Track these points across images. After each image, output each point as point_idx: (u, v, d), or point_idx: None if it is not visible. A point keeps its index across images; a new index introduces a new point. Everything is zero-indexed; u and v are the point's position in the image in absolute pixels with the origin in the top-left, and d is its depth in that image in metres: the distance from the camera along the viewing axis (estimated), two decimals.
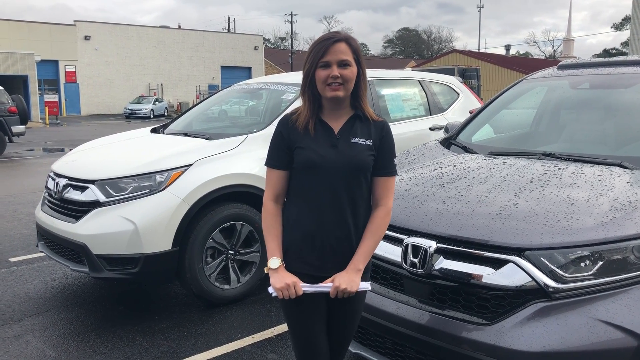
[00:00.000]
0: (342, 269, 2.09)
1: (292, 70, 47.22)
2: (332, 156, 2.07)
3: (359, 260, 2.10)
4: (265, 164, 2.19)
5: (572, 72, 3.97)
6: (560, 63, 4.17)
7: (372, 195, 2.18)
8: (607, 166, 2.84)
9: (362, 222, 2.13)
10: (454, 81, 6.90)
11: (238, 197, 4.38)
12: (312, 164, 2.07)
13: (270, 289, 2.09)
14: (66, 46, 40.03)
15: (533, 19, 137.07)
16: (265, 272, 2.12)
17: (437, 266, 2.44)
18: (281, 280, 2.06)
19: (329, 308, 2.19)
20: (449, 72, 17.18)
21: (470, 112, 5.46)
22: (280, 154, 2.15)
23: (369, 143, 2.11)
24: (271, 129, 4.61)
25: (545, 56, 79.93)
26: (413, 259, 2.50)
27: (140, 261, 3.96)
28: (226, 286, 4.36)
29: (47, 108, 31.71)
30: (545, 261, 2.23)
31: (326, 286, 2.07)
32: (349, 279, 2.06)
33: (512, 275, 2.26)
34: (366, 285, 2.12)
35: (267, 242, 2.15)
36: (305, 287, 2.07)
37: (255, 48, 51.42)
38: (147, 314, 4.29)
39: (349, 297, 2.08)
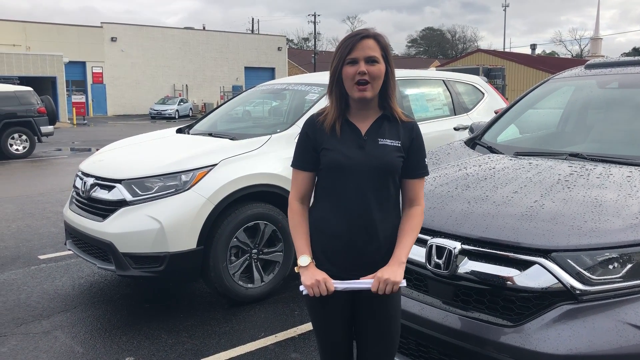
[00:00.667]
0: (369, 271, 2.04)
1: (315, 71, 47.26)
2: (359, 157, 2.03)
3: (402, 254, 2.06)
4: (292, 165, 2.18)
5: (600, 71, 3.90)
6: (588, 62, 4.10)
7: (405, 196, 2.15)
8: (636, 167, 2.79)
9: (389, 224, 2.09)
10: (479, 81, 6.84)
11: (262, 196, 4.41)
12: (339, 165, 2.04)
13: (302, 287, 2.07)
14: (93, 48, 40.70)
15: (560, 17, 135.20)
16: (296, 271, 2.09)
17: (461, 267, 2.42)
18: (311, 277, 2.02)
19: (358, 314, 2.14)
20: (474, 71, 17.04)
21: (496, 112, 5.41)
22: (305, 155, 2.13)
23: (397, 144, 2.07)
24: (294, 129, 4.65)
25: (572, 55, 78.68)
26: (437, 260, 2.49)
27: (166, 259, 4.02)
28: (250, 285, 4.39)
29: (74, 109, 32.24)
30: (572, 263, 2.20)
31: (364, 282, 2.02)
32: (392, 271, 2.01)
33: (538, 276, 2.23)
34: (402, 281, 2.07)
35: (295, 240, 2.13)
36: (338, 284, 2.03)
37: (279, 49, 51.62)
38: (172, 312, 4.34)
39: (380, 299, 2.04)
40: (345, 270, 2.07)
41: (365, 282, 2.03)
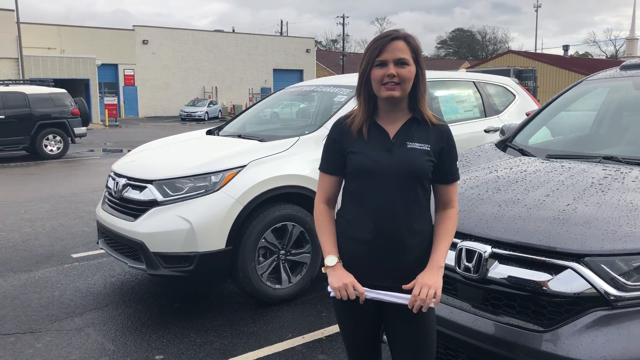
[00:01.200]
0: (396, 278, 2.01)
1: (343, 73, 47.27)
2: (386, 161, 1.99)
3: (440, 258, 2.02)
4: (319, 168, 2.16)
5: (636, 72, 3.81)
6: (624, 63, 4.01)
7: (438, 200, 2.11)
8: None
9: (418, 230, 2.03)
10: (510, 82, 6.75)
11: (290, 198, 4.43)
12: (365, 169, 2.00)
13: (329, 288, 2.04)
14: (125, 50, 41.41)
15: (594, 17, 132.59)
16: (323, 271, 2.07)
17: (491, 271, 2.39)
18: (339, 279, 1.99)
19: (390, 321, 2.09)
20: (504, 73, 16.80)
21: (527, 114, 5.33)
22: (332, 159, 2.11)
23: (426, 148, 2.01)
24: (323, 131, 4.66)
25: (607, 56, 77.04)
26: (467, 264, 2.46)
27: (195, 259, 4.06)
28: (277, 286, 4.41)
29: (106, 110, 32.90)
30: (606, 268, 2.15)
31: (399, 296, 1.99)
32: (432, 275, 1.98)
33: (570, 281, 2.19)
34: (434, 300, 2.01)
35: (322, 242, 2.10)
36: (370, 293, 2.01)
37: (307, 51, 51.78)
38: (201, 312, 4.39)
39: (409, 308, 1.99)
40: (372, 276, 2.03)
41: (401, 297, 1.99)
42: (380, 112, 2.06)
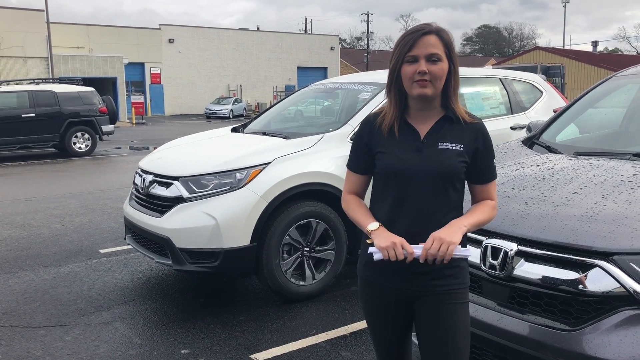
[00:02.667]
0: (424, 280, 1.95)
1: (367, 70, 47.15)
2: (416, 162, 1.92)
3: (464, 221, 1.91)
4: (347, 166, 2.13)
5: None
6: None
7: (476, 200, 2.05)
8: None
9: None
10: (537, 79, 6.65)
11: (314, 195, 4.44)
12: (394, 170, 1.94)
13: (372, 249, 1.89)
14: (152, 49, 41.92)
15: (625, 12, 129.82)
16: (368, 242, 1.94)
17: (517, 269, 2.37)
18: (387, 239, 1.86)
19: (420, 321, 2.02)
20: (531, 69, 16.59)
21: (555, 111, 5.25)
22: (359, 158, 2.06)
23: (459, 148, 1.93)
24: (347, 128, 4.66)
25: (637, 52, 75.38)
26: (492, 261, 2.44)
27: (221, 255, 4.10)
28: (301, 282, 4.43)
29: (133, 108, 33.35)
30: (636, 267, 2.11)
31: (418, 246, 1.87)
32: (450, 232, 1.85)
33: (598, 280, 2.16)
34: (466, 252, 1.88)
35: (358, 217, 2.01)
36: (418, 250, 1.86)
37: (332, 48, 51.74)
38: (226, 307, 4.43)
39: (442, 302, 1.94)
40: (401, 280, 1.99)
41: (417, 247, 1.87)
42: (411, 111, 1.99)
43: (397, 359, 2.17)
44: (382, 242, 1.86)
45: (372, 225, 1.94)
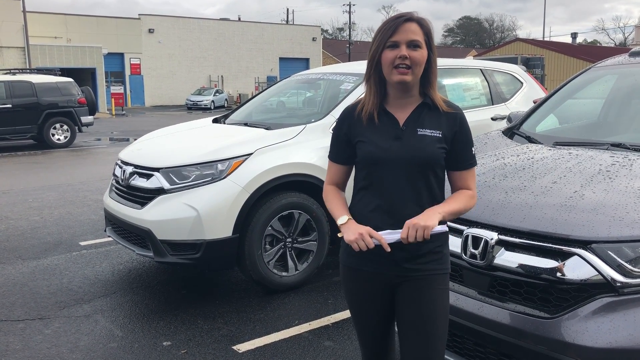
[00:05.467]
0: (406, 265, 1.98)
1: (349, 61, 47.09)
2: (395, 149, 1.95)
3: (440, 207, 1.94)
4: (328, 157, 2.15)
5: None
6: (632, 50, 3.97)
7: (455, 188, 2.08)
8: None
9: None
10: (518, 70, 6.70)
11: (296, 186, 4.44)
12: (374, 158, 1.96)
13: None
14: (131, 39, 41.34)
15: (604, 5, 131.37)
16: (339, 236, 1.99)
17: (498, 258, 2.39)
18: (354, 231, 1.91)
19: (399, 303, 2.05)
20: (512, 61, 16.71)
21: (534, 102, 5.30)
22: (340, 149, 2.09)
23: (438, 135, 1.97)
24: (329, 119, 4.65)
25: (615, 44, 76.31)
26: (473, 250, 2.46)
27: (202, 247, 4.08)
28: (284, 273, 4.43)
29: (113, 99, 32.91)
30: (613, 255, 2.15)
31: (397, 232, 1.90)
32: (426, 217, 1.88)
33: (577, 268, 2.19)
34: (442, 228, 1.94)
35: (332, 208, 2.07)
36: (389, 236, 1.91)
37: (313, 39, 51.55)
38: (208, 299, 4.42)
39: (422, 287, 1.97)
40: (383, 266, 2.01)
41: (395, 232, 1.91)
42: (390, 99, 2.02)
43: (380, 348, 2.18)
44: (350, 235, 1.92)
45: (342, 219, 2.00)
